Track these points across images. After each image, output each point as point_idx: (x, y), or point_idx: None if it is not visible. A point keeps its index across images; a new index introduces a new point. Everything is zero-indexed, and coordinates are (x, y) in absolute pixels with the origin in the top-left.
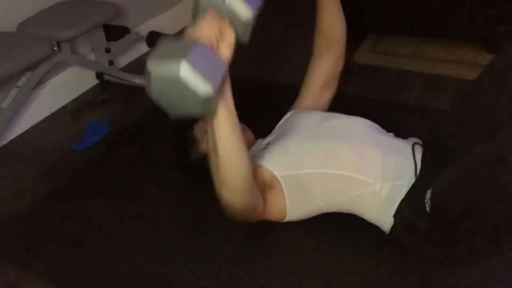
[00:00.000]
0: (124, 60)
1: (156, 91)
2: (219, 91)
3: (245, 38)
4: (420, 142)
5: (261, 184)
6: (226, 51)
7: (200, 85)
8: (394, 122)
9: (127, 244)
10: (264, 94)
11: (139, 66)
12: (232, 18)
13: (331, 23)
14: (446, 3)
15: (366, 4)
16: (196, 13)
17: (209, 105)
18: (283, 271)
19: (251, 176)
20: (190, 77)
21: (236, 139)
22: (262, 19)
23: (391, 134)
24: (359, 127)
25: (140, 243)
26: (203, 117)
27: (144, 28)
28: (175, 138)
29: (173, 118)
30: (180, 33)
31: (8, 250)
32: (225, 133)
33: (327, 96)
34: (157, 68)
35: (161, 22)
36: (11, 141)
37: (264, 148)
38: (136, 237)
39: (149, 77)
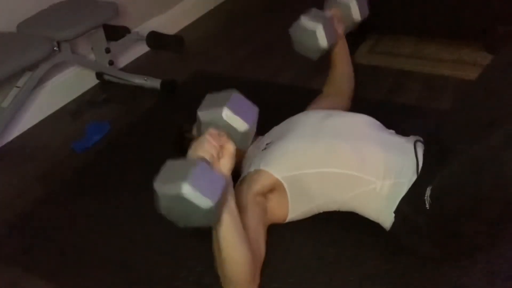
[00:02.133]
0: (124, 60)
1: (164, 207)
2: (221, 201)
3: (245, 146)
4: (422, 139)
5: (261, 192)
6: (227, 161)
7: (201, 201)
8: (394, 122)
9: (128, 244)
10: (264, 94)
11: (139, 66)
12: (230, 131)
13: (342, 79)
14: (446, 3)
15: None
16: (199, 129)
17: (212, 216)
18: (283, 271)
19: (254, 268)
20: (191, 195)
21: (239, 242)
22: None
23: (392, 131)
24: (360, 124)
25: (140, 243)
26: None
27: (144, 28)
28: (175, 139)
29: (182, 228)
30: (180, 33)
31: (8, 250)
32: (228, 238)
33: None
34: (163, 189)
35: (161, 22)
36: (11, 141)
37: (265, 149)
38: (136, 237)
39: (157, 196)
